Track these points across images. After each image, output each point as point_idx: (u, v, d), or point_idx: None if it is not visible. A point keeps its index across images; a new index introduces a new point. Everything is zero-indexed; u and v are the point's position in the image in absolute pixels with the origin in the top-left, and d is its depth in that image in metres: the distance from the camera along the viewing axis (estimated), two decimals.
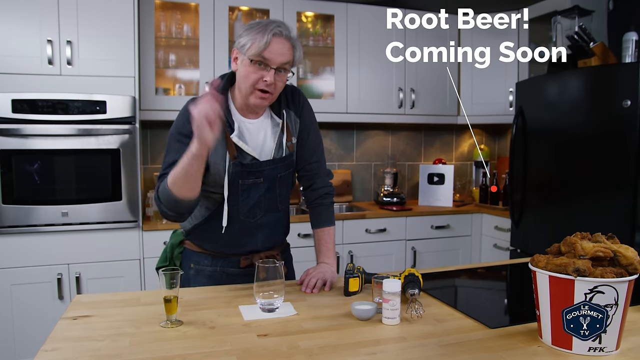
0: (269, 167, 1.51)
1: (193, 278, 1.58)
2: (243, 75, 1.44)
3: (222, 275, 1.57)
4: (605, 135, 2.47)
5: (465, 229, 3.49)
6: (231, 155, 1.46)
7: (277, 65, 1.42)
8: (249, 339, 1.13)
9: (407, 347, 1.10)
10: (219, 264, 1.58)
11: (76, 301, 1.39)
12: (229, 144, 1.46)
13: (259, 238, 1.56)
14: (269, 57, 1.40)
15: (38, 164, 2.58)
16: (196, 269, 1.59)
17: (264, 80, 1.42)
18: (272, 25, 1.41)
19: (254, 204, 1.51)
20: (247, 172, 1.48)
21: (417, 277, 1.37)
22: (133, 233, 2.74)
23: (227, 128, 1.46)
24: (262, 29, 1.40)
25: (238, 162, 1.46)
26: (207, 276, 1.58)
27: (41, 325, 2.56)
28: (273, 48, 1.40)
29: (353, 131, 3.80)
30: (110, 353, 1.05)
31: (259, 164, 1.49)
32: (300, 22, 3.39)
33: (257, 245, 1.56)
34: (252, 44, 1.40)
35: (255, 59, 1.40)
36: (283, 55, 1.42)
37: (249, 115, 1.53)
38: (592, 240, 1.09)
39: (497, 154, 4.16)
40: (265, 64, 1.41)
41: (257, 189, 1.50)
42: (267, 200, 1.54)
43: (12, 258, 2.55)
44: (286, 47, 1.43)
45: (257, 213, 1.53)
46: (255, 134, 1.53)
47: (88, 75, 2.66)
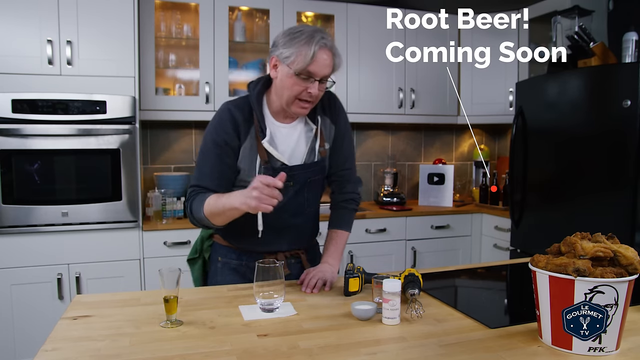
0: (299, 171, 1.53)
1: (220, 270, 1.62)
2: (286, 87, 1.44)
3: (247, 269, 1.59)
4: (605, 135, 2.47)
5: (465, 229, 3.49)
6: (262, 160, 1.48)
7: (322, 77, 1.43)
8: (249, 339, 1.13)
9: (407, 347, 1.10)
10: (244, 259, 1.60)
11: (76, 301, 1.39)
12: (260, 149, 1.48)
13: (284, 239, 1.59)
14: (315, 70, 1.41)
15: (38, 164, 2.58)
16: (223, 261, 1.62)
17: (309, 92, 1.43)
18: (317, 37, 1.40)
19: (281, 207, 1.44)
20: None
21: (417, 277, 1.37)
22: (133, 233, 2.74)
23: (260, 133, 1.48)
24: (307, 41, 1.39)
25: (269, 166, 1.49)
26: (232, 269, 1.62)
27: (41, 325, 2.56)
28: (319, 61, 1.40)
29: (353, 131, 3.79)
30: (110, 353, 1.05)
31: (288, 168, 1.51)
32: (300, 22, 3.38)
33: (282, 247, 1.60)
34: (297, 57, 1.39)
35: (301, 73, 1.40)
36: (327, 67, 1.43)
37: (284, 120, 1.55)
38: (592, 240, 1.09)
39: (497, 154, 4.16)
40: (309, 76, 1.41)
41: (285, 193, 1.48)
42: (295, 204, 1.56)
43: (12, 258, 2.55)
44: (330, 57, 1.43)
45: (284, 216, 1.54)
46: (287, 138, 1.54)
47: (88, 75, 2.66)
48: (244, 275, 1.60)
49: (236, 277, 1.61)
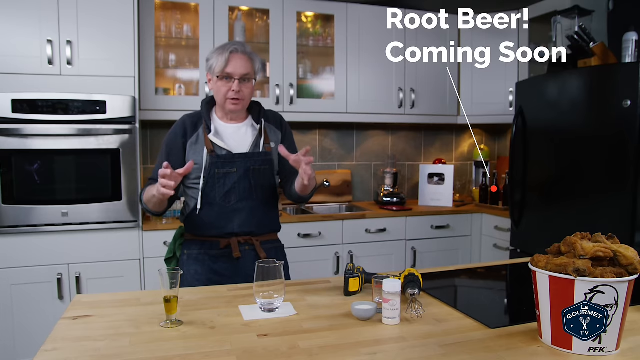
0: (241, 159, 1.77)
1: (185, 262, 1.81)
2: (216, 90, 1.77)
3: (205, 257, 1.78)
4: (605, 135, 2.47)
5: (465, 229, 3.49)
6: (208, 150, 1.75)
7: (239, 76, 1.73)
8: (249, 339, 1.13)
9: (407, 347, 1.10)
10: (204, 248, 1.79)
11: (76, 301, 1.39)
12: (207, 142, 1.76)
13: (235, 222, 1.77)
14: (231, 71, 1.72)
15: (38, 164, 2.58)
16: (187, 254, 1.81)
17: (232, 90, 1.73)
18: (229, 45, 1.75)
19: (229, 190, 1.76)
20: (222, 162, 1.75)
21: (417, 277, 1.37)
22: (133, 233, 2.74)
23: (206, 129, 1.78)
24: (221, 50, 1.73)
25: (215, 154, 1.75)
26: (194, 259, 1.80)
27: (41, 325, 2.56)
28: (232, 63, 1.72)
29: (353, 131, 3.80)
30: (110, 353, 1.05)
31: (231, 155, 1.76)
32: (300, 22, 3.39)
33: (234, 229, 1.77)
34: (216, 63, 1.73)
35: (221, 75, 1.73)
36: (242, 68, 1.73)
37: (230, 122, 1.83)
38: (592, 240, 1.09)
39: (497, 154, 4.16)
40: (229, 77, 1.72)
41: (231, 177, 1.75)
42: (241, 188, 1.77)
43: (12, 258, 2.55)
44: (244, 60, 1.74)
45: (232, 199, 1.77)
46: (234, 134, 1.81)
47: (88, 75, 2.66)
48: (203, 263, 1.78)
49: (197, 265, 1.78)
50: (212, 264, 1.77)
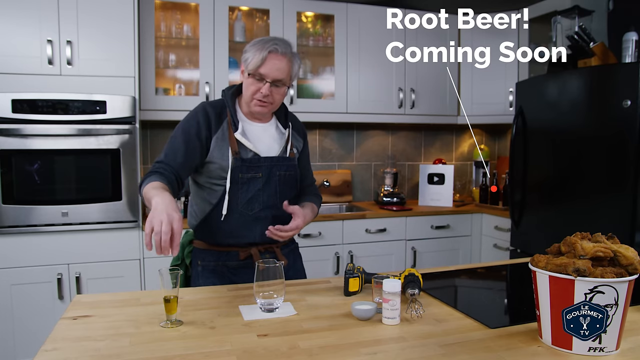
0: (267, 163, 1.62)
1: (201, 274, 1.66)
2: (245, 86, 1.61)
3: (224, 269, 1.65)
4: (605, 135, 2.46)
5: (465, 229, 3.49)
6: (233, 151, 1.58)
7: (272, 79, 1.56)
8: (249, 339, 1.13)
9: (407, 347, 1.10)
10: (222, 259, 1.65)
11: (76, 301, 1.39)
12: (232, 141, 1.59)
13: (257, 231, 1.62)
14: (265, 72, 1.55)
15: (38, 164, 2.58)
16: (202, 265, 1.66)
17: (261, 92, 1.57)
18: (270, 43, 1.55)
19: (252, 197, 1.61)
20: (247, 166, 1.59)
21: (417, 277, 1.37)
22: (133, 233, 2.74)
23: (232, 126, 1.60)
24: (261, 46, 1.55)
25: (239, 157, 1.58)
26: (211, 271, 1.65)
27: (41, 325, 2.56)
28: (268, 64, 1.54)
29: (353, 131, 3.80)
30: (110, 353, 1.05)
31: (258, 159, 1.61)
32: (300, 22, 3.39)
33: (255, 238, 1.62)
34: (252, 60, 1.55)
35: (253, 73, 1.56)
36: (278, 71, 1.56)
37: (255, 121, 1.68)
38: (592, 240, 1.09)
39: (497, 154, 4.16)
40: (261, 78, 1.56)
41: (255, 183, 1.61)
42: (265, 195, 1.63)
43: (12, 258, 2.55)
44: (282, 63, 1.56)
45: (255, 206, 1.62)
46: (260, 134, 1.66)
47: (88, 75, 2.66)
48: (222, 275, 1.64)
49: (216, 278, 1.64)
50: (232, 276, 1.63)
